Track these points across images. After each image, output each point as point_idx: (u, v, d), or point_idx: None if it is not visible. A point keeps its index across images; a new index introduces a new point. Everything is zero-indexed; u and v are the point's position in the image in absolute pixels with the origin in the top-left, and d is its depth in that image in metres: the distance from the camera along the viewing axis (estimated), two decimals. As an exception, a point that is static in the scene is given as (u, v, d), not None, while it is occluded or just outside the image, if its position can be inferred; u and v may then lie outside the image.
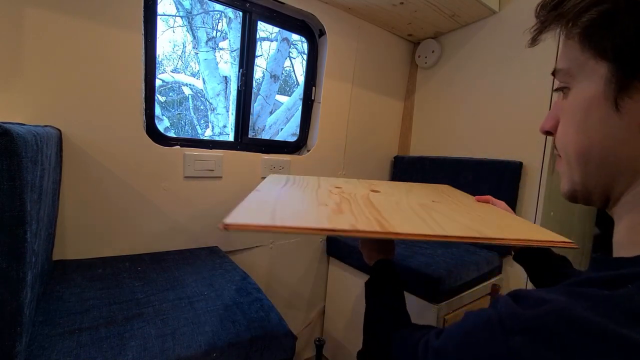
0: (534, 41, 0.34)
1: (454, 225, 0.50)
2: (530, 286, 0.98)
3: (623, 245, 0.30)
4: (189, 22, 3.59)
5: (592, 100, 0.28)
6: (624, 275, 0.24)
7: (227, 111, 3.51)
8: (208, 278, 0.91)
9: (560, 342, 0.21)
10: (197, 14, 3.48)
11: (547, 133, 0.35)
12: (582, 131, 0.30)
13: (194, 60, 4.24)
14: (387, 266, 0.67)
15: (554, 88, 0.34)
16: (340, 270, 1.46)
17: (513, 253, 0.72)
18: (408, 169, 1.68)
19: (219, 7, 3.30)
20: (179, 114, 4.30)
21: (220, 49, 3.58)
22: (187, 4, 3.59)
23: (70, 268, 0.88)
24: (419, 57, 1.67)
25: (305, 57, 1.56)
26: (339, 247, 1.45)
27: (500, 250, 1.26)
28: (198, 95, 4.15)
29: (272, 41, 3.75)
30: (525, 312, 0.24)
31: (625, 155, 0.27)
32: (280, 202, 0.58)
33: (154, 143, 1.08)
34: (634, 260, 0.26)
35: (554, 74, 0.33)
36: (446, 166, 1.49)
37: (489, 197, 0.77)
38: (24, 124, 0.59)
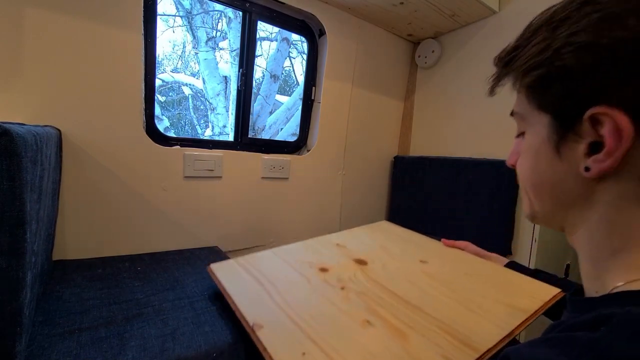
0: (491, 91, 0.38)
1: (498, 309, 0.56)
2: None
3: (590, 279, 0.32)
4: (188, 22, 3.59)
5: (540, 145, 0.32)
6: (598, 317, 0.25)
7: (227, 111, 3.51)
8: (208, 278, 0.91)
9: None
10: (197, 14, 3.48)
11: (513, 167, 0.39)
12: (534, 170, 0.34)
13: (194, 60, 4.24)
14: None
15: (516, 135, 0.39)
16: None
17: None
18: (408, 169, 1.68)
19: (218, 7, 3.30)
20: (178, 113, 4.30)
21: (220, 49, 3.58)
22: (187, 4, 3.59)
23: (70, 268, 0.88)
24: (419, 57, 1.67)
25: (305, 57, 1.56)
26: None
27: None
28: (198, 95, 4.15)
29: (272, 41, 3.75)
30: None
31: (573, 193, 0.30)
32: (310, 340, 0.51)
33: (153, 143, 1.08)
34: (600, 300, 0.28)
35: (512, 114, 0.37)
36: (446, 166, 1.49)
37: (454, 242, 0.84)
38: (24, 124, 0.59)
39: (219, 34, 3.60)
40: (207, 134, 3.97)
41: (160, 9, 1.12)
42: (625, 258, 0.28)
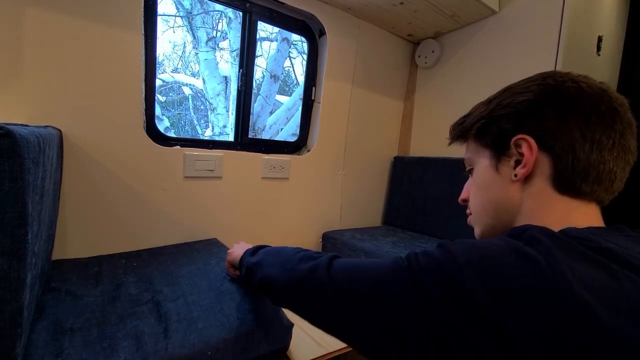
0: (450, 144, 0.58)
1: None
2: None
3: None
4: (189, 22, 3.59)
5: (486, 169, 0.48)
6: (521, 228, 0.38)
7: (227, 111, 3.51)
8: (202, 268, 0.90)
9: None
10: (197, 14, 3.48)
11: (464, 201, 0.55)
12: (482, 190, 0.49)
13: (194, 60, 4.23)
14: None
15: (465, 172, 0.56)
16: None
17: None
18: (408, 169, 1.68)
19: (219, 7, 3.30)
20: (179, 114, 4.30)
21: (220, 49, 3.57)
22: (187, 4, 3.59)
23: (67, 267, 0.88)
24: (419, 57, 1.67)
25: (305, 57, 1.56)
26: (336, 245, 1.45)
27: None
28: (198, 95, 4.15)
29: (272, 41, 3.75)
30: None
31: (508, 198, 0.45)
32: None
33: (154, 143, 1.08)
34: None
35: (464, 163, 0.55)
36: (446, 166, 1.49)
37: None
38: (27, 125, 0.59)
39: (219, 34, 3.60)
40: (207, 134, 3.97)
41: (160, 9, 1.12)
42: (545, 224, 0.39)
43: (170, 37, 4.02)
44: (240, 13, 1.28)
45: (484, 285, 0.30)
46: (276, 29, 3.39)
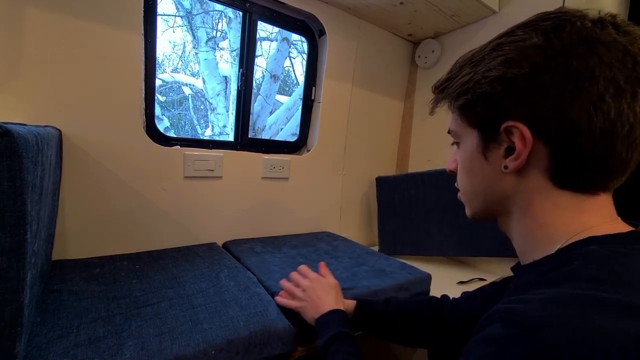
0: (431, 111, 0.50)
1: None
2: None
3: (526, 252, 0.41)
4: (189, 22, 3.59)
5: (472, 153, 0.42)
6: (567, 258, 0.33)
7: (227, 111, 3.51)
8: (206, 274, 0.91)
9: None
10: (197, 14, 3.48)
11: (452, 172, 0.49)
12: (470, 176, 0.44)
13: (194, 60, 4.23)
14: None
15: (452, 143, 0.48)
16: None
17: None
18: (398, 188, 1.56)
19: (219, 7, 3.30)
20: (179, 113, 4.30)
21: (220, 49, 3.57)
22: (187, 4, 3.59)
23: (68, 268, 0.88)
24: (419, 57, 1.67)
25: (305, 57, 1.56)
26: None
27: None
28: (198, 95, 4.15)
29: (272, 41, 3.75)
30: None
31: (500, 189, 0.40)
32: None
33: (154, 143, 1.08)
34: (556, 254, 0.35)
35: (449, 132, 0.48)
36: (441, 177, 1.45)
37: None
38: (25, 124, 0.59)
39: (219, 34, 3.60)
40: (207, 134, 3.97)
41: (160, 9, 1.12)
42: (551, 227, 0.37)
43: (170, 37, 4.02)
44: (240, 13, 1.28)
45: None
46: (276, 29, 3.39)
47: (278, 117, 3.65)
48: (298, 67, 4.39)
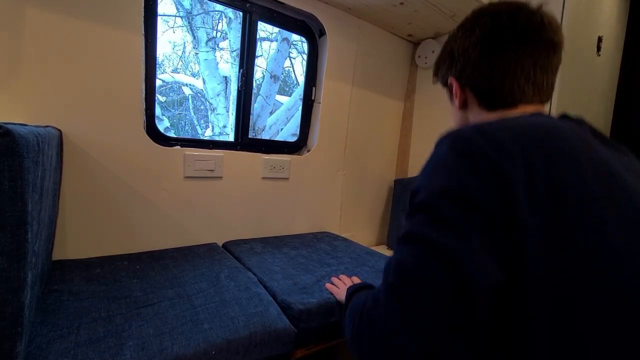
0: (435, 82, 0.66)
1: None
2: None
3: None
4: (189, 22, 3.59)
5: (449, 101, 0.62)
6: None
7: (227, 111, 3.51)
8: (207, 274, 0.91)
9: None
10: (197, 14, 3.48)
11: None
12: (453, 119, 0.63)
13: (194, 61, 4.23)
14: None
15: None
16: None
17: None
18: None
19: (219, 7, 3.30)
20: (179, 114, 4.30)
21: (220, 49, 3.57)
22: (187, 4, 3.59)
23: (69, 268, 0.88)
24: (419, 57, 1.67)
25: (305, 57, 1.56)
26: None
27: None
28: (198, 95, 4.15)
29: (272, 41, 3.75)
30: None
31: (460, 119, 0.59)
32: None
33: (154, 143, 1.08)
34: None
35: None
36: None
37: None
38: (26, 124, 0.59)
39: (219, 34, 3.60)
40: (207, 134, 3.97)
41: (160, 9, 1.12)
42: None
43: (170, 37, 4.02)
44: (240, 13, 1.28)
45: None
46: (276, 29, 3.39)
47: (278, 118, 3.64)
48: (298, 68, 4.39)
